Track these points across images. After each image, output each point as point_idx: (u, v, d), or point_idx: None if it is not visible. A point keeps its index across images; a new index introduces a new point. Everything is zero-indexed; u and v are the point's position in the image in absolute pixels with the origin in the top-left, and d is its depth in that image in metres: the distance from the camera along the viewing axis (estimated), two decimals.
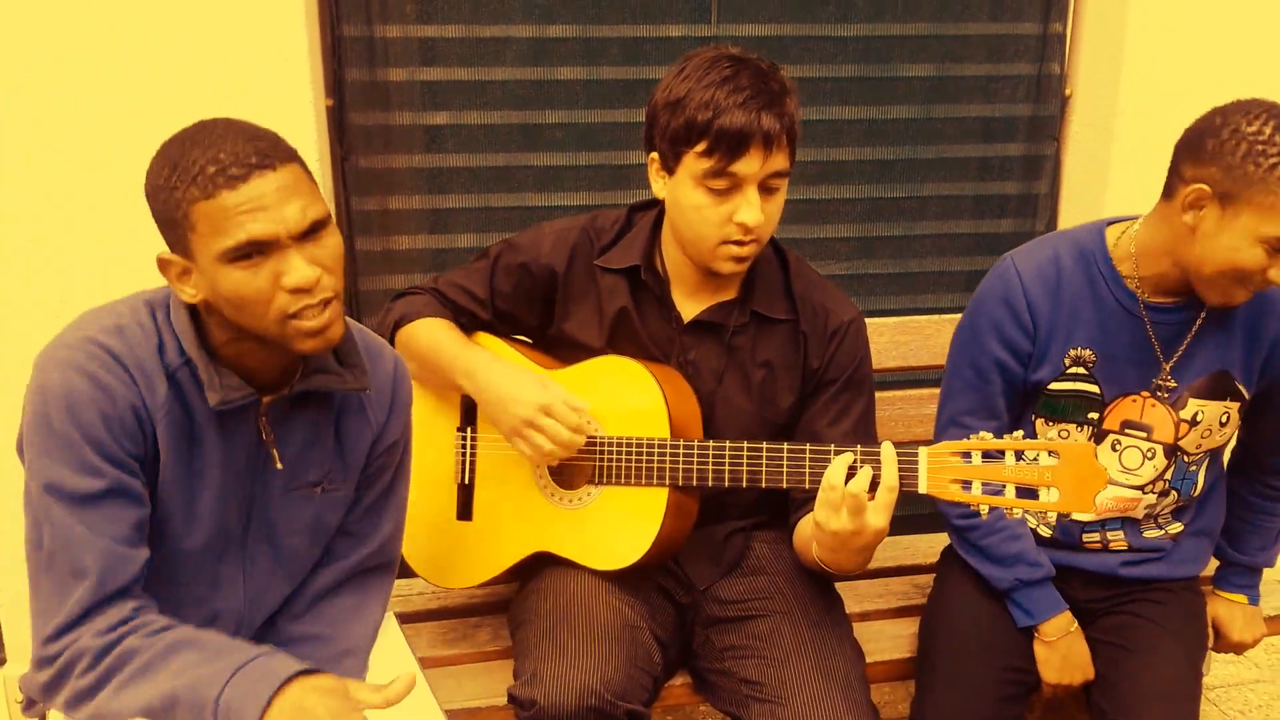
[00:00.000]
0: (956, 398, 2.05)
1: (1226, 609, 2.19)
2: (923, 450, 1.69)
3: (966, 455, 1.67)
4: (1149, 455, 1.99)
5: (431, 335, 1.98)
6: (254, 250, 1.38)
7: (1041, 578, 2.01)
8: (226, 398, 1.47)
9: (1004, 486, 1.65)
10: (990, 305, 1.99)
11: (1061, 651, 2.00)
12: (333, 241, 1.45)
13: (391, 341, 2.02)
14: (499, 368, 1.92)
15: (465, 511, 2.05)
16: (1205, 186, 1.76)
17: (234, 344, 1.49)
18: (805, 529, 1.90)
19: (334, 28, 2.59)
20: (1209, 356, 1.96)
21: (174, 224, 1.40)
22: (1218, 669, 3.02)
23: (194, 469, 1.52)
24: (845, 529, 1.66)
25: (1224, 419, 2.00)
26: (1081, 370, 1.97)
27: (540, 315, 2.03)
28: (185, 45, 2.36)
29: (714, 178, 1.78)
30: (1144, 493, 2.02)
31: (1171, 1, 2.78)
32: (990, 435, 1.67)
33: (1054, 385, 1.98)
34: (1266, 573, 2.22)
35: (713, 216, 1.81)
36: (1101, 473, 1.64)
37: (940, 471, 1.68)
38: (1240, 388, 1.98)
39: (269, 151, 1.39)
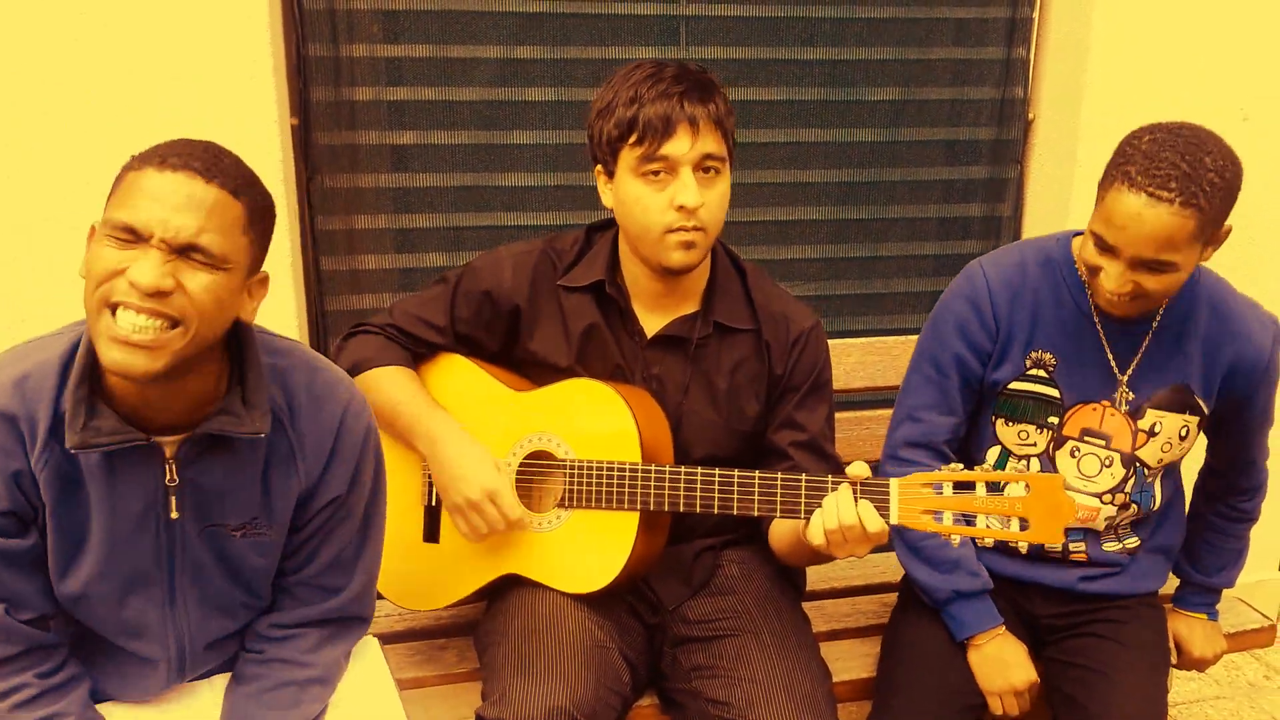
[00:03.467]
0: (916, 392, 2.08)
1: (1186, 626, 2.20)
2: (894, 481, 1.70)
3: (938, 486, 1.68)
4: (1106, 463, 2.02)
5: (391, 393, 1.95)
6: (126, 232, 1.35)
7: (979, 589, 2.02)
8: (85, 441, 1.41)
9: (975, 517, 1.67)
10: (955, 303, 2.03)
11: (992, 654, 1.99)
12: (209, 280, 1.37)
13: None
14: (457, 442, 1.91)
15: (432, 534, 2.03)
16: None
17: None
18: (784, 533, 1.93)
19: (299, 47, 2.58)
20: (1167, 369, 1.99)
21: (112, 189, 1.41)
22: (1179, 686, 3.04)
23: (78, 513, 1.49)
24: (853, 551, 1.73)
25: (1183, 432, 2.02)
26: (1042, 373, 2.00)
27: (502, 341, 2.03)
28: (150, 64, 2.34)
29: (647, 163, 1.82)
30: (1103, 502, 2.04)
31: (1132, 28, 2.82)
32: (957, 468, 1.69)
33: (1014, 385, 2.02)
34: (1225, 590, 2.25)
35: (653, 205, 1.83)
36: (1071, 505, 1.67)
37: (911, 503, 1.69)
38: (1199, 402, 2.00)
39: (215, 168, 1.38)
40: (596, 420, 1.90)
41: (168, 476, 1.49)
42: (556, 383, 1.96)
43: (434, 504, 2.02)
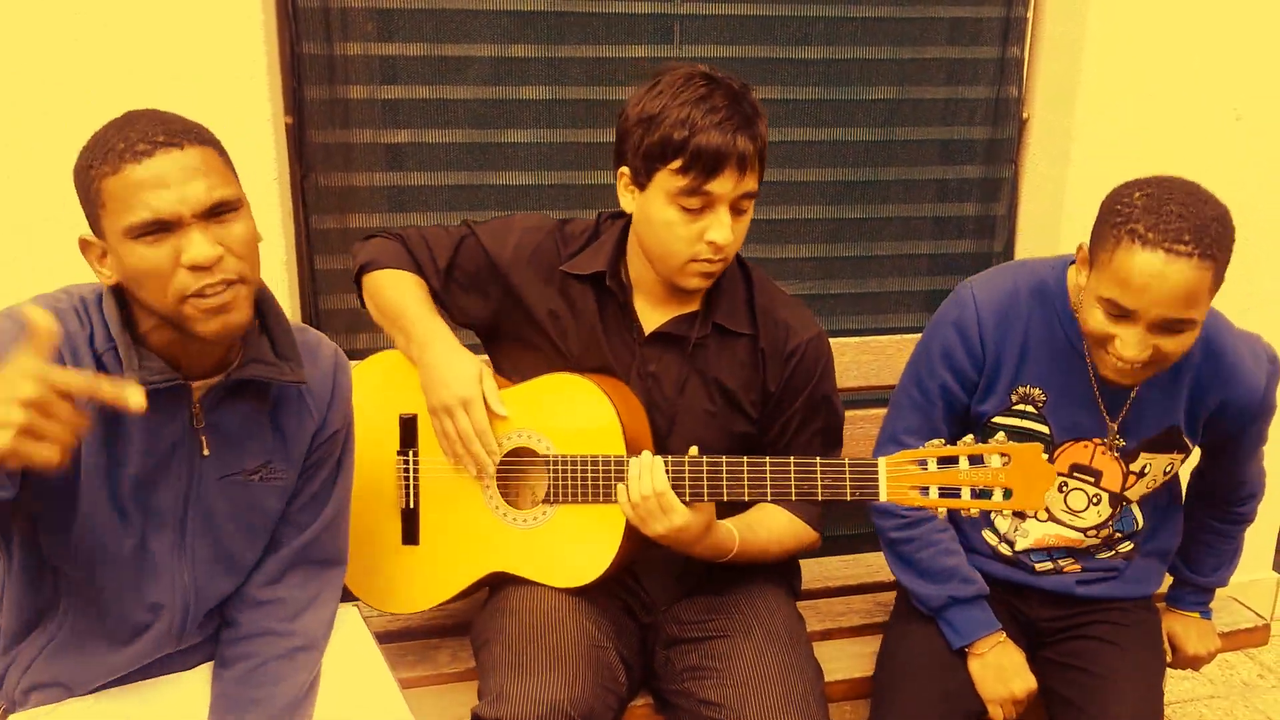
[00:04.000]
0: (902, 414, 2.05)
1: (1181, 624, 2.21)
2: (881, 460, 1.74)
3: (923, 463, 1.72)
4: (1094, 500, 2.01)
5: (400, 293, 1.97)
6: (157, 227, 1.40)
7: (974, 595, 2.01)
8: (145, 379, 1.47)
9: (959, 490, 1.70)
10: (943, 329, 1.99)
11: (995, 662, 1.98)
12: (240, 227, 1.46)
13: (358, 282, 2.04)
14: (446, 349, 1.92)
15: (411, 536, 2.02)
16: (1084, 246, 1.80)
17: (159, 331, 1.50)
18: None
19: (294, 45, 2.58)
20: (1158, 412, 1.95)
21: (89, 203, 1.44)
22: (1174, 685, 3.04)
23: (114, 457, 1.52)
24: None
25: (1168, 469, 2.02)
26: (1030, 409, 1.97)
27: (493, 310, 2.01)
28: (145, 63, 2.34)
29: (688, 196, 1.79)
30: (1087, 537, 2.05)
31: (1127, 27, 2.83)
32: (939, 444, 1.72)
33: (998, 419, 1.99)
34: (1219, 590, 2.25)
35: (684, 234, 1.82)
36: (1050, 471, 1.69)
37: (899, 480, 1.72)
38: (1185, 441, 1.98)
39: (178, 132, 1.44)
40: (577, 415, 1.89)
41: (196, 420, 1.56)
42: (534, 379, 1.95)
43: (411, 506, 2.02)
